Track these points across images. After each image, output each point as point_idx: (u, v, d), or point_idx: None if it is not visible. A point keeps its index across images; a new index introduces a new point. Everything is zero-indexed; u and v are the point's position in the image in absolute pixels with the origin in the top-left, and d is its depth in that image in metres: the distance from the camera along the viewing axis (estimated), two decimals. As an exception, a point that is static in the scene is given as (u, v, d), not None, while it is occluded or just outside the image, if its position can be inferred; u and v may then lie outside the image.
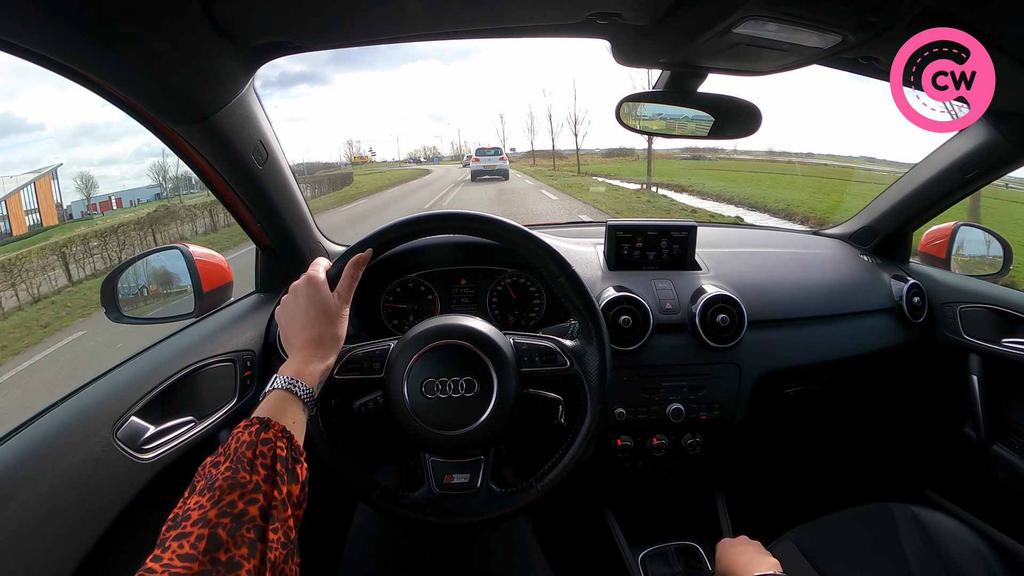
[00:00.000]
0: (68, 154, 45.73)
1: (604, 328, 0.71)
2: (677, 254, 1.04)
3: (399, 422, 0.67)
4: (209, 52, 0.61)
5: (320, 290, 0.61)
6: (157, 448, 0.72)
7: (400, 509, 0.67)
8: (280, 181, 0.86)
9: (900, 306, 1.10)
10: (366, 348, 0.70)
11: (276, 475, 0.46)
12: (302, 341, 0.59)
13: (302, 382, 0.55)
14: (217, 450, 0.49)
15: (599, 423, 0.69)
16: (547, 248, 0.70)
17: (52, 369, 4.50)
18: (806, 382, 1.06)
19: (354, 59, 32.89)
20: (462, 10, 0.65)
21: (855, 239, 1.24)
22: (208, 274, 0.90)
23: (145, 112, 0.69)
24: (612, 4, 0.66)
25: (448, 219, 0.70)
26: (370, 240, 0.67)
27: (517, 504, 0.68)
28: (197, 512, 0.42)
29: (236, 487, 0.44)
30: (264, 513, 0.44)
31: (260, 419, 0.50)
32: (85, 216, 18.14)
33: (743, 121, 0.91)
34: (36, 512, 0.56)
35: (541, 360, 0.70)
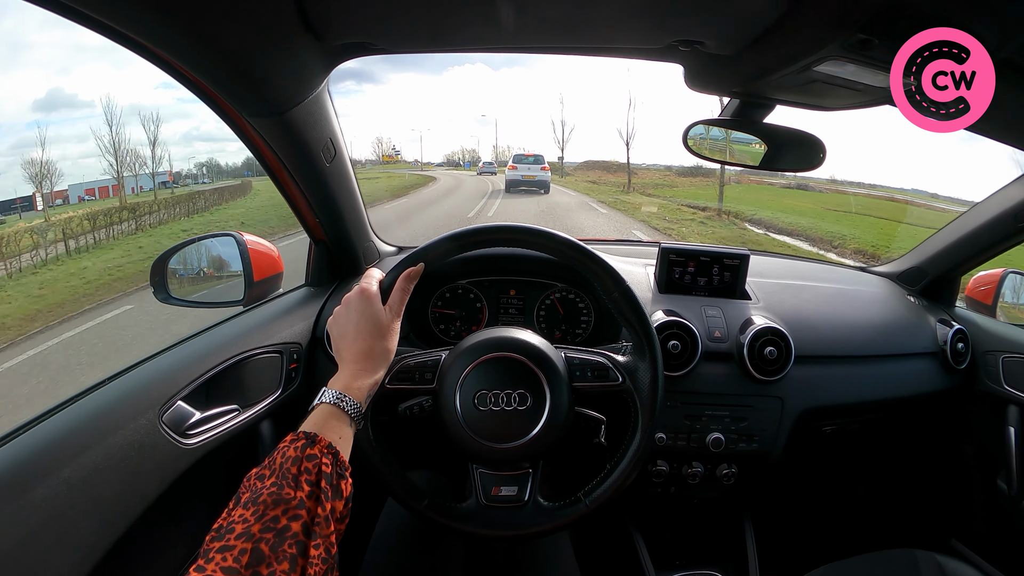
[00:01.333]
0: (117, 132, 47.10)
1: (657, 345, 0.70)
2: (728, 282, 1.03)
3: (449, 433, 0.67)
4: (295, 47, 0.62)
5: (372, 303, 0.61)
6: (200, 434, 0.73)
7: (447, 520, 0.67)
8: (344, 180, 0.86)
9: (944, 351, 1.08)
10: (418, 358, 0.70)
11: (320, 492, 0.47)
12: (352, 354, 0.60)
13: (350, 397, 0.55)
14: (263, 462, 0.49)
15: (649, 440, 0.68)
16: (602, 263, 0.70)
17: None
18: (845, 421, 1.04)
19: (403, 59, 33.90)
20: (552, 28, 0.65)
21: (903, 279, 1.23)
22: (260, 264, 0.90)
23: (221, 101, 0.69)
24: (696, 32, 0.66)
25: (500, 232, 0.70)
26: (422, 254, 0.67)
27: (565, 518, 0.67)
28: (241, 525, 0.43)
29: (280, 503, 0.44)
30: (307, 529, 0.44)
31: (307, 434, 0.50)
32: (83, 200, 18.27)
33: (806, 154, 0.90)
34: (76, 490, 0.56)
35: (593, 375, 0.70)
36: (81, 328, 4.91)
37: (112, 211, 10.28)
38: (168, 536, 0.80)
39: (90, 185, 19.41)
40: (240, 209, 13.44)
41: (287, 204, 0.88)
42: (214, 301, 0.92)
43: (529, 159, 15.80)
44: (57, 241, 8.27)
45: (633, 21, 0.64)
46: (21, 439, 0.58)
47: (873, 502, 1.33)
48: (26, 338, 4.77)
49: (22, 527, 0.50)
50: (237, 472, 0.88)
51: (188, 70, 0.62)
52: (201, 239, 0.93)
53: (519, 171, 15.22)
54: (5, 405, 3.40)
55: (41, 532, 0.52)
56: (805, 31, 0.57)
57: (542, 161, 15.82)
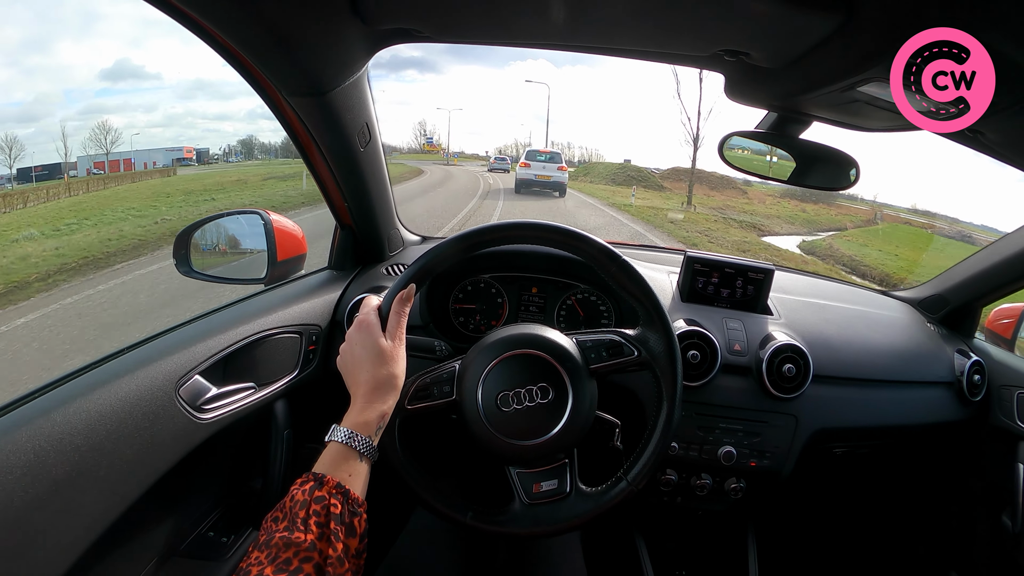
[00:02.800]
0: (184, 105, 48.40)
1: (664, 310, 0.69)
2: (751, 295, 1.03)
3: (478, 440, 0.66)
4: (341, 29, 0.62)
5: (371, 333, 0.62)
6: (216, 410, 0.73)
7: (494, 527, 0.66)
8: (376, 165, 0.86)
9: (960, 382, 1.07)
10: (432, 374, 0.69)
11: (331, 533, 0.48)
12: (360, 386, 0.60)
13: (360, 434, 0.56)
14: (277, 504, 0.50)
15: (677, 408, 0.68)
16: (594, 242, 0.70)
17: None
18: (856, 444, 1.04)
19: (466, 51, 33.53)
20: (601, 28, 0.65)
21: (924, 306, 1.22)
22: (284, 243, 0.90)
23: (261, 78, 0.69)
24: (743, 43, 0.65)
25: (488, 233, 0.69)
26: (411, 276, 0.66)
27: (610, 501, 0.67)
28: (256, 568, 0.45)
29: (291, 545, 0.46)
30: (320, 570, 0.46)
31: (315, 475, 0.52)
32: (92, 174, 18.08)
33: (837, 173, 0.90)
34: (87, 458, 0.56)
35: (608, 353, 0.69)
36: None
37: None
38: (176, 509, 0.80)
39: (99, 158, 19.27)
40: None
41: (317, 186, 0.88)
42: (236, 278, 0.92)
43: (544, 156, 13.83)
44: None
45: (683, 27, 0.64)
46: (36, 403, 0.57)
47: (877, 527, 1.32)
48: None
49: (30, 492, 0.50)
50: (249, 449, 0.89)
51: (233, 44, 0.62)
52: (227, 215, 0.93)
53: (532, 169, 13.26)
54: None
55: (49, 498, 0.52)
56: (853, 51, 0.57)
57: (559, 160, 13.79)
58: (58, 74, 48.56)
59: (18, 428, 0.52)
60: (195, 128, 47.65)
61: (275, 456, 0.86)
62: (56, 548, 0.52)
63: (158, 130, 19.21)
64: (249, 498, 0.90)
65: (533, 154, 13.97)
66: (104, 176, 16.88)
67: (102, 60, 53.55)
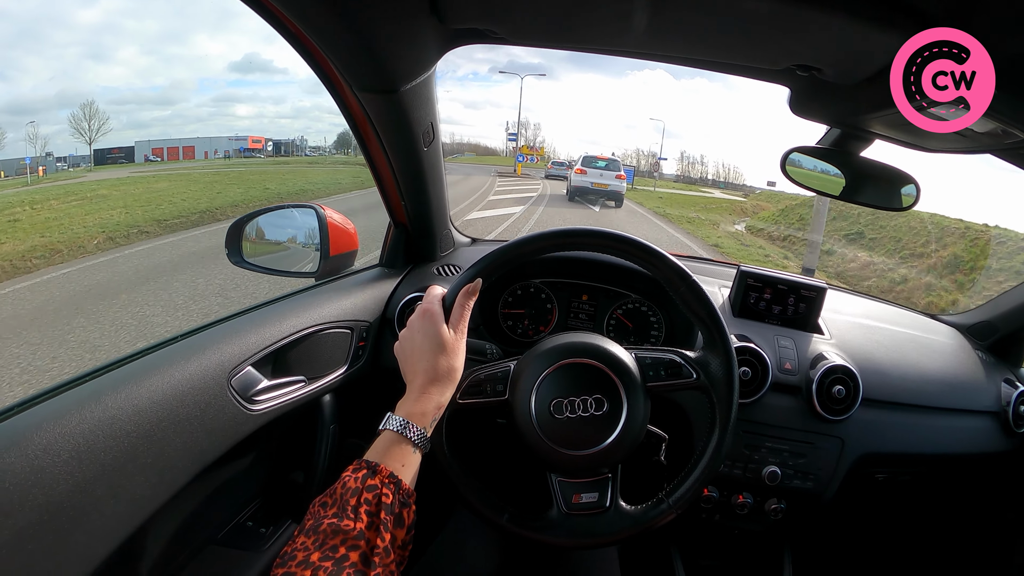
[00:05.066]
0: (311, 99, 51.39)
1: (728, 337, 0.68)
2: (802, 313, 1.01)
3: (526, 441, 0.66)
4: (417, 26, 0.62)
5: (435, 323, 0.61)
6: (266, 402, 0.73)
7: (529, 532, 0.65)
8: (436, 165, 0.87)
9: (1006, 412, 1.04)
10: (488, 370, 0.68)
11: (380, 523, 0.47)
12: (417, 375, 0.60)
13: (414, 424, 0.55)
14: (327, 489, 0.50)
15: (729, 436, 0.67)
16: (666, 259, 0.69)
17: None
18: (898, 470, 1.01)
19: (584, 59, 33.89)
20: (679, 37, 0.65)
21: (972, 332, 1.19)
22: (337, 239, 0.91)
23: (332, 72, 0.70)
24: (817, 59, 0.65)
25: (555, 237, 0.69)
26: (479, 270, 0.66)
27: (649, 522, 0.65)
28: (302, 553, 0.44)
29: (339, 532, 0.45)
30: (365, 559, 0.45)
31: (368, 463, 0.51)
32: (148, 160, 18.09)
33: (895, 193, 0.89)
34: (135, 443, 0.55)
35: (667, 373, 0.68)
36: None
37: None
38: (218, 498, 0.80)
39: (159, 144, 19.17)
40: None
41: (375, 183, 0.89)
42: (287, 270, 0.93)
43: (601, 163, 12.99)
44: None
45: (759, 40, 0.64)
46: (87, 385, 0.57)
47: (912, 556, 1.29)
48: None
49: (76, 476, 0.49)
50: (294, 442, 0.89)
51: (309, 36, 0.62)
52: (283, 207, 0.94)
53: (588, 177, 12.51)
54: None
55: (95, 483, 0.51)
56: None
57: (617, 167, 13.04)
58: (193, 64, 52.90)
59: (68, 412, 0.52)
60: (322, 121, 49.27)
61: (320, 449, 0.86)
62: (99, 532, 0.52)
63: (286, 121, 19.74)
64: (290, 490, 0.90)
65: (591, 160, 13.17)
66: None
67: (234, 53, 58.23)
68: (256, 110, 54.00)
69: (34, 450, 0.47)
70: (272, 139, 25.77)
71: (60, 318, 3.88)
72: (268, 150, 24.64)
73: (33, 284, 4.86)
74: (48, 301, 4.35)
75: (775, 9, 0.55)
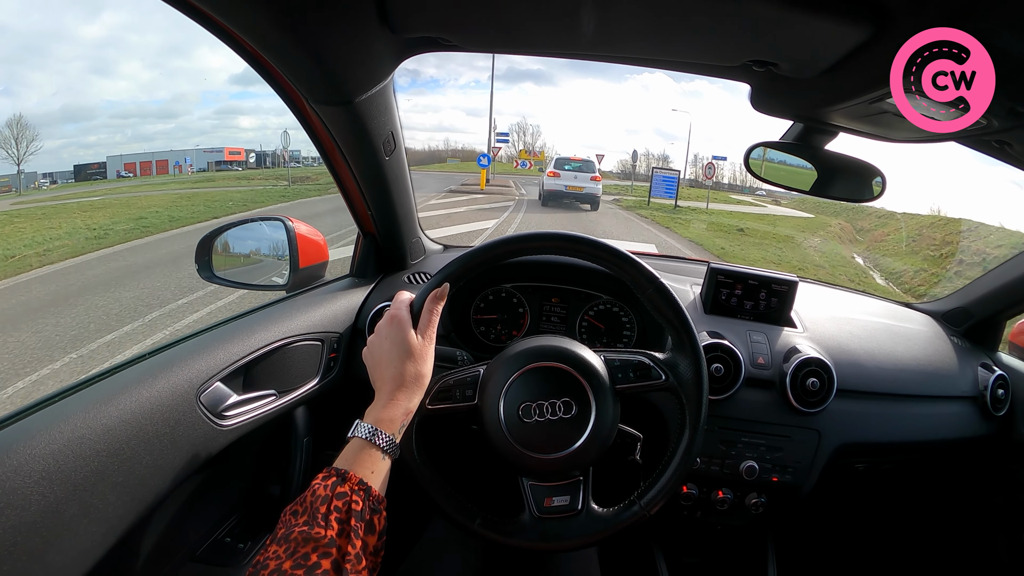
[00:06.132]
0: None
1: (697, 338, 0.69)
2: (774, 307, 1.02)
3: (495, 446, 0.66)
4: (369, 37, 0.62)
5: (402, 328, 0.61)
6: (236, 417, 0.72)
7: (501, 537, 0.65)
8: (399, 174, 0.87)
9: (983, 396, 1.05)
10: (456, 375, 0.68)
11: (351, 529, 0.47)
12: (385, 381, 0.60)
13: (382, 431, 0.56)
14: (297, 498, 0.50)
15: (699, 436, 0.67)
16: (633, 262, 0.69)
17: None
18: (878, 460, 1.02)
19: (583, 65, 33.54)
20: (629, 39, 0.64)
21: (947, 319, 1.20)
22: (306, 250, 0.91)
23: (287, 85, 0.69)
24: (773, 54, 0.65)
25: (520, 242, 0.68)
26: (447, 275, 0.66)
27: (621, 523, 0.66)
28: (274, 562, 0.44)
29: (310, 540, 0.46)
30: (337, 566, 0.45)
31: (338, 471, 0.51)
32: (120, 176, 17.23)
33: (862, 184, 0.89)
34: (106, 463, 0.55)
35: (635, 375, 0.68)
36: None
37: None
38: (194, 515, 0.80)
39: (131, 159, 18.35)
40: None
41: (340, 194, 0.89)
42: (258, 284, 0.92)
43: (575, 164, 12.31)
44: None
45: (712, 37, 0.64)
46: (55, 407, 0.57)
47: (896, 544, 1.30)
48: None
49: (48, 497, 0.49)
50: (269, 456, 0.89)
51: (259, 50, 0.62)
52: (250, 221, 0.94)
53: (561, 180, 11.88)
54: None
55: (67, 502, 0.51)
56: (883, 62, 0.56)
57: (592, 169, 12.34)
58: (196, 76, 53.57)
59: (38, 432, 0.52)
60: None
61: (295, 463, 0.86)
62: (73, 552, 0.51)
63: (293, 132, 19.68)
64: (267, 504, 0.89)
65: (563, 162, 12.50)
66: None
67: (235, 66, 58.96)
68: (259, 121, 54.75)
69: (3, 471, 0.47)
70: (254, 150, 25.24)
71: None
72: (251, 161, 24.11)
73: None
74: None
75: (723, 4, 0.54)
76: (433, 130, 66.12)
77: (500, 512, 0.68)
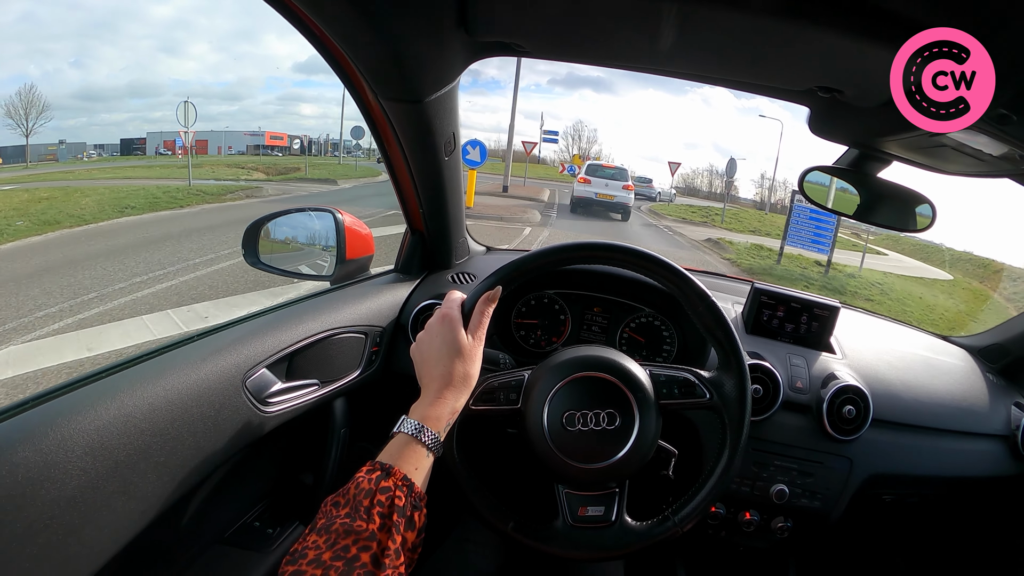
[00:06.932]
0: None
1: (744, 359, 0.69)
2: (815, 332, 1.01)
3: (536, 451, 0.66)
4: (445, 37, 0.63)
5: (454, 328, 0.61)
6: (278, 404, 0.73)
7: (533, 542, 0.66)
8: (454, 174, 0.88)
9: (1015, 436, 1.04)
10: (502, 378, 0.69)
11: (392, 524, 0.48)
12: (433, 380, 0.60)
13: (429, 428, 0.56)
14: (339, 489, 0.50)
15: (738, 457, 0.67)
16: (687, 278, 0.69)
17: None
18: (906, 492, 1.01)
19: (644, 75, 33.50)
20: (704, 57, 0.65)
21: (983, 355, 1.19)
22: (353, 243, 0.92)
23: (357, 80, 0.70)
24: (839, 81, 0.66)
25: (575, 250, 0.69)
26: (500, 278, 0.67)
27: (653, 538, 0.66)
28: (313, 552, 0.44)
29: (351, 533, 0.46)
30: (376, 560, 0.45)
31: (382, 465, 0.51)
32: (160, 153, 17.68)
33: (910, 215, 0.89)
34: (149, 440, 0.55)
35: (680, 392, 0.68)
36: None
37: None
38: (226, 498, 0.80)
39: (170, 137, 18.36)
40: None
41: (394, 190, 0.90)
42: (303, 273, 0.93)
43: (608, 171, 11.85)
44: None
45: (783, 61, 0.64)
46: (103, 382, 0.57)
47: None
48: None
49: (89, 472, 0.49)
50: (306, 444, 0.90)
51: (337, 44, 0.62)
52: (300, 210, 0.95)
53: (592, 187, 11.33)
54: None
55: (107, 479, 0.51)
56: None
57: (624, 177, 11.81)
58: (261, 62, 55.78)
59: (84, 407, 0.52)
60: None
61: (330, 453, 0.86)
62: (109, 529, 0.52)
63: (350, 122, 19.50)
64: (298, 492, 0.90)
65: (595, 168, 12.04)
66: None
67: (300, 54, 61.25)
68: (321, 110, 56.81)
69: (47, 445, 0.47)
70: (299, 136, 24.94)
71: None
72: (295, 148, 23.92)
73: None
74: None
75: (798, 31, 0.55)
76: (490, 130, 66.15)
77: (533, 517, 0.68)
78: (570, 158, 25.27)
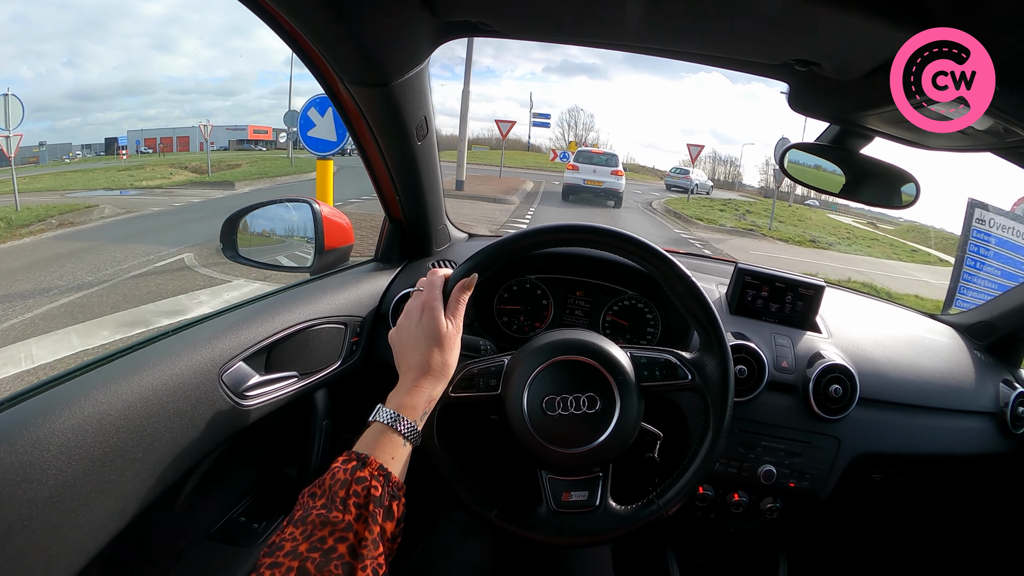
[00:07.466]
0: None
1: (726, 340, 0.68)
2: (800, 311, 1.01)
3: (517, 437, 0.65)
4: (409, 19, 0.61)
5: (434, 315, 0.60)
6: (257, 397, 0.72)
7: (518, 529, 0.65)
8: (430, 159, 0.86)
9: (1003, 413, 1.04)
10: (481, 364, 0.68)
11: (369, 515, 0.47)
12: (411, 367, 0.59)
13: (405, 417, 0.55)
14: (316, 480, 0.49)
15: (722, 439, 0.67)
16: (666, 258, 0.68)
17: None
18: (895, 471, 1.01)
19: (638, 60, 32.18)
20: (676, 32, 0.64)
21: (971, 332, 1.19)
22: (332, 233, 0.91)
23: (323, 65, 0.69)
24: (816, 54, 0.64)
25: (551, 233, 0.68)
26: (475, 264, 0.66)
27: (638, 522, 0.65)
28: (290, 543, 0.44)
29: (327, 524, 0.45)
30: (353, 551, 0.45)
31: (358, 455, 0.51)
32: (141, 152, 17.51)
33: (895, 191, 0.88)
34: (125, 437, 0.55)
35: (661, 373, 0.68)
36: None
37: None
38: (210, 493, 0.80)
39: (151, 134, 17.81)
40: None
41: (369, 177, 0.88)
42: (282, 265, 0.92)
43: (598, 157, 11.68)
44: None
45: (757, 35, 0.63)
46: (76, 381, 0.56)
47: (908, 556, 1.29)
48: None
49: (66, 472, 0.49)
50: (289, 437, 0.89)
51: (298, 29, 0.61)
52: (276, 202, 0.94)
53: (580, 173, 11.13)
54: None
55: (85, 478, 0.50)
56: None
57: (615, 163, 11.64)
58: (256, 57, 56.00)
59: (58, 406, 0.51)
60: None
61: (313, 445, 0.86)
62: (89, 527, 0.51)
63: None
64: (283, 485, 0.90)
65: (584, 155, 11.85)
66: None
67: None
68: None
69: (22, 445, 0.47)
70: (284, 129, 24.01)
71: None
72: (281, 141, 22.84)
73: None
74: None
75: (772, 2, 0.54)
76: (485, 119, 65.23)
77: (517, 504, 0.67)
78: (566, 146, 24.74)
